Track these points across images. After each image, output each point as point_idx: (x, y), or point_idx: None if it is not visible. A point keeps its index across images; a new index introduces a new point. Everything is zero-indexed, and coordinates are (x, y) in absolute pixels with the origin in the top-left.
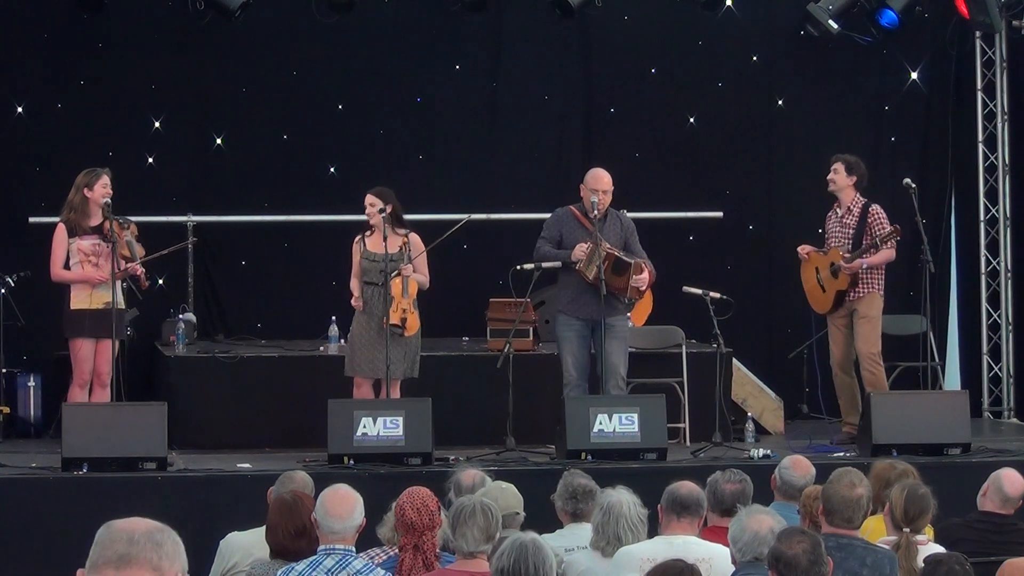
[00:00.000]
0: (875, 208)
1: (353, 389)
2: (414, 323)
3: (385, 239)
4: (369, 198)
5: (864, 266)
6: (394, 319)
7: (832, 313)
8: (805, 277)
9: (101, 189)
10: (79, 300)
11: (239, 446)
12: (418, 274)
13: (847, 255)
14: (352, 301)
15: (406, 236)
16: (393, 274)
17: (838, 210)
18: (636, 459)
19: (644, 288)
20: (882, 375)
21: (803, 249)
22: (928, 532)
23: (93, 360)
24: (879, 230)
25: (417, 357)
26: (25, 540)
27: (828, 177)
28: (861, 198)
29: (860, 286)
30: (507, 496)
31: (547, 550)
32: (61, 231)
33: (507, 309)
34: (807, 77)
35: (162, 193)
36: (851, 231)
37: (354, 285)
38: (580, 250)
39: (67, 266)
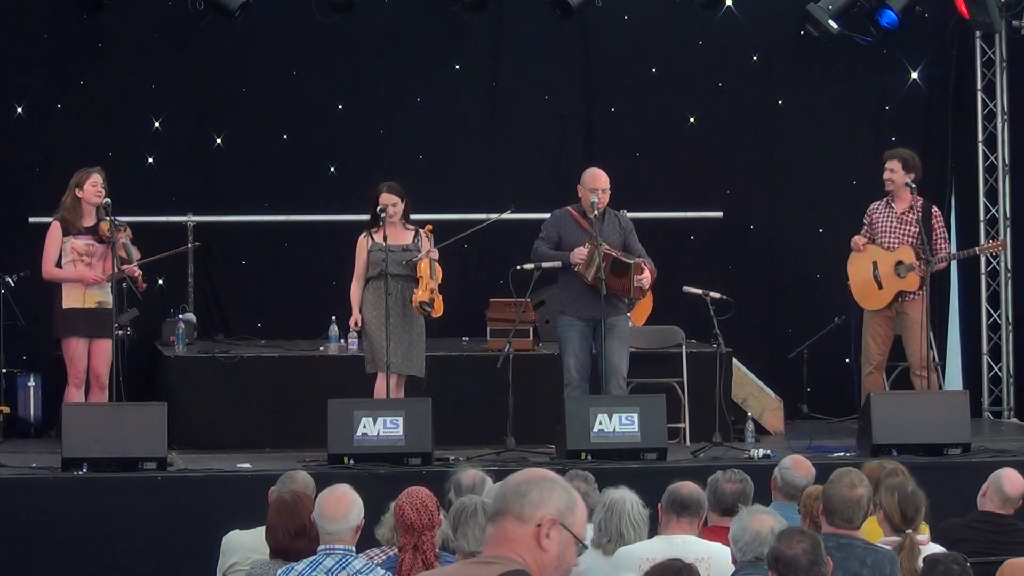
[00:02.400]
0: (936, 210)
1: (377, 385)
2: (440, 305)
3: (416, 233)
4: (387, 197)
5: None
6: (423, 296)
7: (879, 311)
8: (856, 269)
9: (91, 188)
10: (71, 299)
11: (239, 446)
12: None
13: (933, 257)
14: (351, 324)
15: (416, 228)
16: (420, 256)
17: (892, 206)
18: (636, 459)
19: (647, 286)
20: (936, 379)
21: (860, 240)
22: (924, 531)
23: (87, 359)
24: (940, 234)
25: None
26: (25, 540)
27: (885, 176)
28: (919, 198)
29: (922, 289)
30: None
31: None
32: (55, 229)
33: (507, 309)
34: (807, 77)
35: (162, 193)
36: (915, 229)
37: (356, 293)
38: (579, 253)
39: (59, 265)
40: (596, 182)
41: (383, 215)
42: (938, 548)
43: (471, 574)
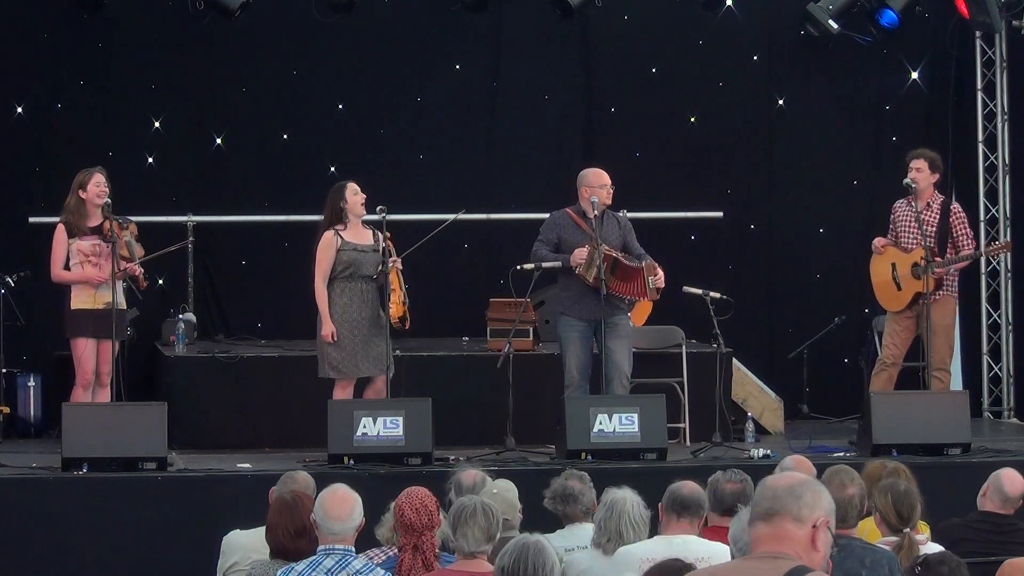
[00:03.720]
0: (956, 207)
1: (336, 392)
2: (408, 315)
3: (379, 234)
4: (357, 186)
5: (952, 270)
6: (400, 311)
7: (899, 312)
8: (877, 271)
9: (94, 188)
10: (81, 300)
11: (239, 446)
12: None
13: (939, 259)
14: (325, 334)
15: (372, 229)
16: (388, 265)
17: (914, 204)
18: (636, 459)
19: (663, 284)
20: (948, 383)
21: (880, 242)
22: (924, 530)
23: (95, 360)
24: (961, 231)
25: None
26: (25, 540)
27: (911, 176)
28: (939, 195)
29: (941, 289)
30: (506, 495)
31: (549, 551)
32: (61, 232)
33: (507, 309)
34: (807, 77)
35: (162, 193)
36: (932, 229)
37: (325, 296)
38: (579, 255)
39: (67, 267)
40: (601, 179)
41: (346, 208)
42: (938, 548)
43: (759, 568)
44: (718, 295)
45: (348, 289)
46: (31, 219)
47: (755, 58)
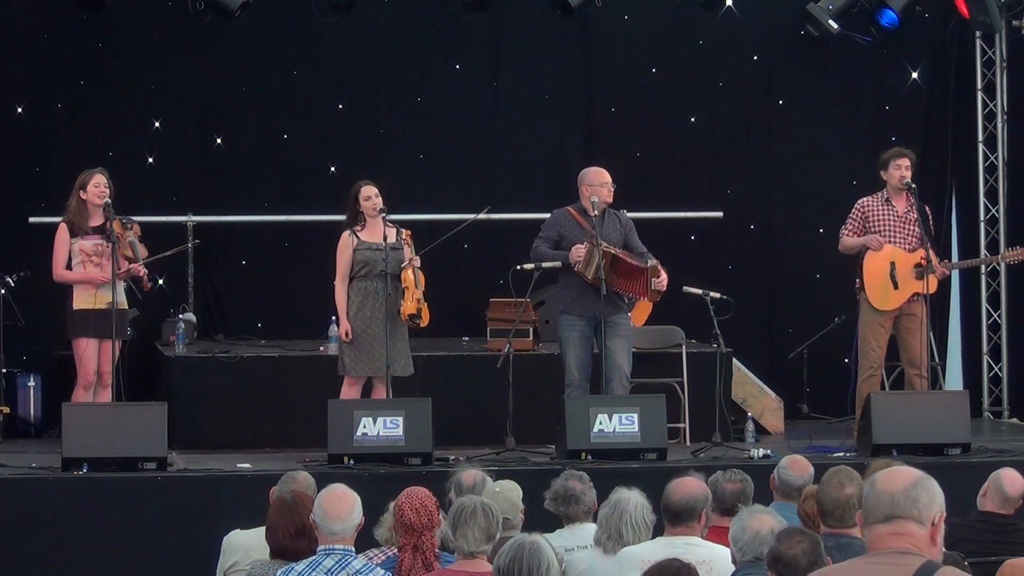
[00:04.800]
0: (927, 209)
1: (343, 389)
2: (427, 314)
3: (393, 235)
4: (372, 188)
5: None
6: (412, 308)
7: (885, 312)
8: (873, 267)
9: (94, 189)
10: (82, 300)
11: (239, 446)
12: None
13: (945, 260)
14: (342, 334)
15: (397, 227)
16: (403, 264)
17: (893, 204)
18: (636, 459)
19: (664, 288)
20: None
21: (880, 239)
22: None
23: (97, 360)
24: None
25: (409, 353)
26: (25, 540)
27: (902, 174)
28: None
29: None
30: (509, 494)
31: (546, 552)
32: (63, 231)
33: (507, 309)
34: (807, 77)
35: (162, 193)
36: (918, 230)
37: (343, 296)
38: (577, 251)
39: (69, 266)
40: (601, 177)
41: (360, 209)
42: None
43: (890, 563)
44: (718, 295)
45: (363, 288)
46: (31, 219)
47: (755, 58)
